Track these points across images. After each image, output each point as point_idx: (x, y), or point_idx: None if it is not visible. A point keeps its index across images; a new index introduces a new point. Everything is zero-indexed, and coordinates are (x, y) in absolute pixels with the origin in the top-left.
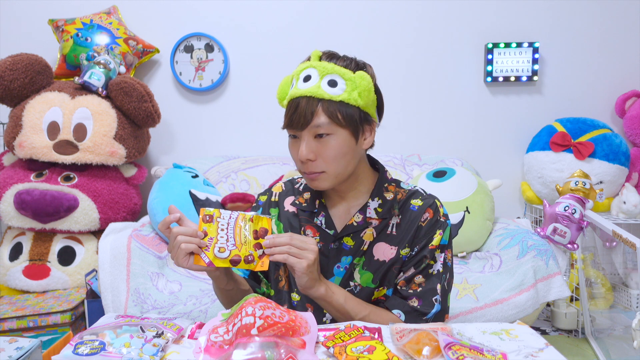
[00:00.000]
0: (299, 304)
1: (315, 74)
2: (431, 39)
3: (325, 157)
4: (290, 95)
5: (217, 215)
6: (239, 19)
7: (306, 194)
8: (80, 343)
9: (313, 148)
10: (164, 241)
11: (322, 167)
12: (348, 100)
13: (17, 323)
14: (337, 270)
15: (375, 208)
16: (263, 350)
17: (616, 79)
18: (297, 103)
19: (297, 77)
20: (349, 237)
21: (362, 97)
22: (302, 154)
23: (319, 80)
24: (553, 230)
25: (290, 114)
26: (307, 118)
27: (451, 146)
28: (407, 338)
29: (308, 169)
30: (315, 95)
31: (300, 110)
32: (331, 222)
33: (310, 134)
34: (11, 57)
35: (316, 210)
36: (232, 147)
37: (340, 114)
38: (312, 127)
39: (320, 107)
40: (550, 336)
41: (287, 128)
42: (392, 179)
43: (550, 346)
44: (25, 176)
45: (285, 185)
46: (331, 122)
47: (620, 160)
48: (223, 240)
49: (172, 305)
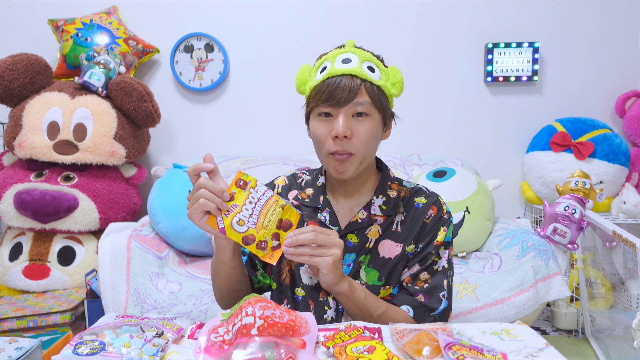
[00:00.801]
0: (303, 299)
1: (355, 58)
2: (431, 39)
3: (360, 137)
4: (329, 73)
5: (252, 185)
6: (239, 19)
7: (309, 189)
8: (80, 343)
9: (350, 126)
10: (164, 241)
11: (354, 148)
12: (384, 87)
13: (17, 323)
14: None
15: (380, 205)
16: (263, 350)
17: (616, 79)
18: (339, 80)
19: (333, 60)
20: (353, 234)
21: (395, 89)
22: (340, 130)
23: (360, 64)
24: (553, 230)
25: (331, 90)
26: (352, 93)
27: (451, 146)
28: (407, 338)
29: (342, 147)
30: (359, 75)
31: (343, 85)
32: (335, 218)
33: (349, 112)
34: (11, 57)
35: (320, 206)
36: (232, 147)
37: (379, 97)
38: (354, 104)
39: (363, 86)
40: (551, 336)
41: (324, 104)
42: (394, 177)
43: (550, 346)
44: (25, 176)
45: (289, 179)
46: (371, 103)
47: (620, 160)
48: (246, 214)
49: (172, 305)
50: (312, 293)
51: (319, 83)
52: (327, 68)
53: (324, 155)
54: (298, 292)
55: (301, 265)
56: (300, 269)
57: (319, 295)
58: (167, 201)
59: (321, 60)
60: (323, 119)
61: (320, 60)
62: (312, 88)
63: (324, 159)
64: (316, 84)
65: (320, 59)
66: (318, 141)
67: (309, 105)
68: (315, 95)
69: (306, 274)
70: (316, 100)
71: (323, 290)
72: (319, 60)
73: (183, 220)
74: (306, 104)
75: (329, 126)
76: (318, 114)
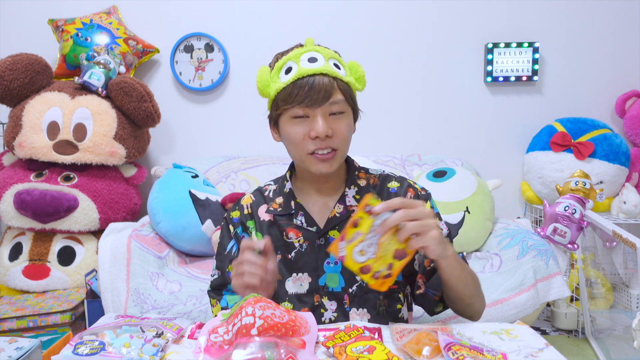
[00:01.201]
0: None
1: (320, 57)
2: (431, 39)
3: (340, 135)
4: (299, 74)
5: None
6: (239, 19)
7: (278, 199)
8: (80, 343)
9: (329, 124)
10: (164, 241)
11: (336, 145)
12: (351, 83)
13: (17, 323)
14: (327, 266)
15: (353, 196)
16: (263, 351)
17: (616, 79)
18: (311, 80)
19: (297, 60)
20: (334, 230)
21: (360, 83)
22: (322, 129)
23: (326, 62)
24: (553, 230)
25: (305, 90)
26: (328, 93)
27: (451, 146)
28: (407, 338)
29: (325, 145)
30: (330, 73)
31: (318, 85)
32: (311, 219)
33: (325, 111)
34: (11, 57)
35: (293, 211)
36: (232, 147)
37: (349, 93)
38: (330, 103)
39: (336, 84)
40: (551, 336)
41: (300, 105)
42: (359, 166)
43: (550, 346)
44: (25, 176)
45: (254, 195)
46: (345, 101)
47: (620, 160)
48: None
49: (172, 305)
50: (306, 299)
51: (287, 85)
52: (293, 69)
53: (303, 156)
54: (284, 306)
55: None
56: (289, 281)
57: (314, 300)
58: (167, 201)
59: (282, 60)
60: (298, 120)
61: (282, 61)
62: (279, 90)
63: (302, 159)
64: (284, 85)
65: (280, 60)
66: (294, 143)
67: (278, 108)
68: (286, 97)
69: (296, 284)
70: (289, 102)
71: (317, 294)
72: (279, 61)
73: (183, 220)
74: (272, 107)
75: (305, 127)
76: (292, 116)
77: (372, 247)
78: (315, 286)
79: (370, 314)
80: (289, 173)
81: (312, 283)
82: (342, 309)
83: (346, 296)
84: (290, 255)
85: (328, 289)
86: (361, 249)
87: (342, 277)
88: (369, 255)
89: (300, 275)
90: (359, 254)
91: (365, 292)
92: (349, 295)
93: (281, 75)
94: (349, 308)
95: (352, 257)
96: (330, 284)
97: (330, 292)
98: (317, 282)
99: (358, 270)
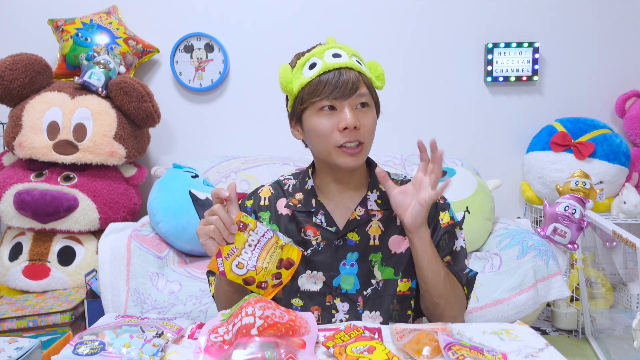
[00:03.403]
0: (302, 309)
1: (343, 53)
2: (431, 38)
3: (367, 127)
4: (324, 67)
5: (252, 227)
6: (239, 18)
7: (298, 194)
8: (80, 343)
9: (357, 116)
10: (164, 241)
11: (363, 137)
12: (372, 80)
13: (17, 323)
14: (342, 267)
15: (375, 200)
16: (263, 351)
17: (616, 79)
18: (337, 73)
19: (321, 56)
20: (353, 232)
21: (379, 81)
22: (351, 121)
23: (350, 58)
24: (553, 230)
25: (333, 83)
26: (355, 85)
27: (451, 146)
28: (407, 338)
29: (354, 137)
30: (355, 68)
31: (345, 78)
32: (331, 219)
33: (353, 104)
34: (11, 57)
35: (314, 209)
36: (232, 147)
37: (373, 88)
38: (357, 95)
39: (361, 78)
40: (551, 336)
41: (328, 97)
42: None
43: (551, 346)
44: (25, 176)
45: (274, 188)
46: (369, 95)
47: (620, 160)
48: (246, 257)
49: (172, 305)
50: (318, 298)
51: (313, 78)
52: (317, 64)
53: (330, 148)
54: (295, 302)
55: (302, 274)
56: (302, 277)
57: (326, 300)
58: (167, 201)
59: (305, 57)
60: (326, 113)
61: (305, 58)
62: (303, 85)
63: (329, 153)
64: (309, 79)
65: (303, 57)
66: (322, 135)
67: (304, 103)
68: (313, 90)
69: (310, 280)
70: (317, 95)
71: (330, 294)
72: (302, 58)
73: (183, 220)
74: (296, 103)
75: (333, 119)
76: (319, 108)
77: (251, 260)
78: (329, 286)
79: (382, 317)
80: (310, 170)
81: (326, 282)
82: (355, 311)
83: (360, 298)
84: (306, 252)
85: (341, 291)
86: (238, 263)
87: (358, 279)
88: (249, 268)
89: (315, 273)
90: (237, 268)
91: (380, 296)
92: (363, 297)
93: (305, 71)
94: (361, 310)
95: (231, 271)
96: (345, 286)
97: (343, 293)
98: (331, 283)
99: (242, 282)
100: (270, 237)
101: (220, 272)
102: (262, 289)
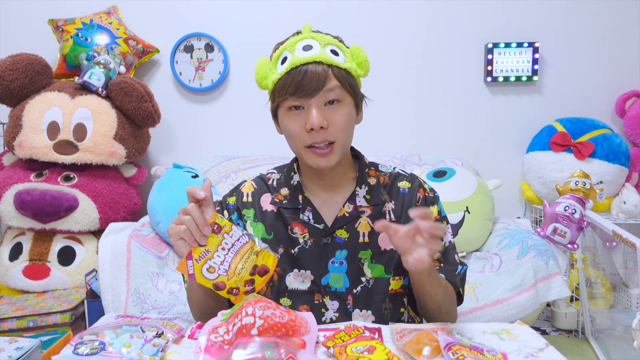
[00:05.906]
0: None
1: (315, 44)
2: (431, 39)
3: (337, 125)
4: (292, 64)
5: (227, 230)
6: (239, 19)
7: (283, 190)
8: (80, 343)
9: (324, 115)
10: (164, 241)
11: (333, 137)
12: (350, 69)
13: (17, 323)
14: (331, 265)
15: (364, 196)
16: (263, 350)
17: (616, 79)
18: (304, 69)
19: (292, 49)
20: (342, 229)
21: (361, 69)
22: (315, 121)
23: (322, 49)
24: (553, 230)
25: (297, 80)
26: (321, 82)
27: (451, 146)
28: (407, 338)
29: (320, 138)
30: (324, 60)
31: (310, 74)
32: (319, 216)
33: (320, 101)
34: (11, 57)
35: (301, 205)
36: (232, 147)
37: (347, 80)
38: (324, 91)
39: (330, 71)
40: (551, 336)
41: (292, 96)
42: (370, 162)
43: (550, 346)
44: (25, 176)
45: (257, 182)
46: (341, 88)
47: (620, 160)
48: (218, 261)
49: (172, 305)
50: (306, 297)
51: (282, 75)
52: (287, 58)
53: (300, 149)
54: (284, 302)
55: (289, 273)
56: (290, 275)
57: (314, 298)
58: (167, 201)
59: (279, 50)
60: (293, 113)
61: (279, 51)
62: (275, 82)
63: (299, 153)
64: (279, 76)
65: (278, 49)
66: (292, 136)
67: (275, 101)
68: (280, 89)
69: (297, 279)
70: (283, 94)
71: (318, 292)
72: (277, 51)
73: None
74: (271, 100)
75: (301, 119)
76: (287, 108)
77: (224, 264)
78: (317, 285)
79: (374, 316)
80: (295, 164)
81: (314, 281)
82: (345, 310)
83: (350, 297)
84: (293, 251)
85: (331, 289)
86: (210, 267)
87: (348, 277)
88: (220, 273)
89: (302, 272)
90: (208, 272)
91: (371, 294)
92: (353, 296)
93: (278, 66)
94: (352, 309)
95: (202, 275)
96: (334, 284)
97: (332, 292)
98: (320, 281)
99: (212, 287)
100: (245, 242)
101: (189, 275)
102: (234, 295)
